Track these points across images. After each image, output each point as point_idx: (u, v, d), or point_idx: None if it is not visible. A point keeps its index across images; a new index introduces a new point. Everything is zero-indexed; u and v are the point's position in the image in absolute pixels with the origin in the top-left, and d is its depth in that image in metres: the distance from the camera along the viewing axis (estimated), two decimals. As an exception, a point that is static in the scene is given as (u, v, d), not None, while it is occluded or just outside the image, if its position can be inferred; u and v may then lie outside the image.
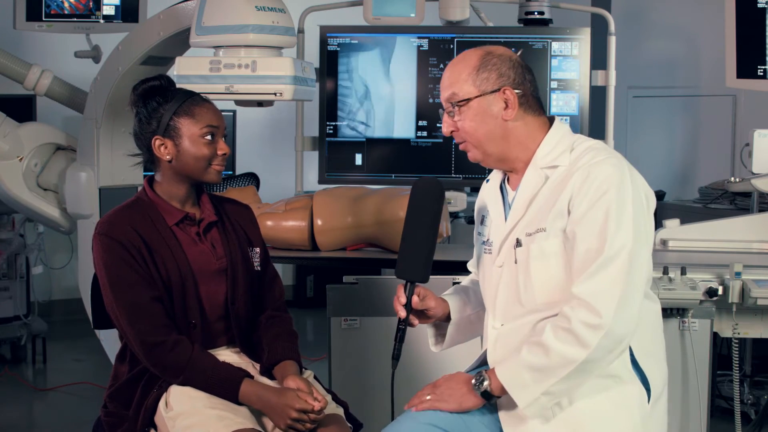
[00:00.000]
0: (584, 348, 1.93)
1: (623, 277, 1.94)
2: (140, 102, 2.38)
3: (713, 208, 5.04)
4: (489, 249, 2.18)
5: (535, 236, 2.05)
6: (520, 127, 2.10)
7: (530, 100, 2.11)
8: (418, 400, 2.10)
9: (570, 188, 2.01)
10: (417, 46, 3.87)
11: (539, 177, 2.08)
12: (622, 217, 1.96)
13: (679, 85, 7.22)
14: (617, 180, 1.98)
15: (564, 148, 2.08)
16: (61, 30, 4.42)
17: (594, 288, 1.94)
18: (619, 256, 1.94)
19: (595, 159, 2.02)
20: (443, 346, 2.35)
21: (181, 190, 2.39)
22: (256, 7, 2.98)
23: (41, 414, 4.65)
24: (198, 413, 2.22)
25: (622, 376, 2.04)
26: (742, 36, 3.63)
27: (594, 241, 1.96)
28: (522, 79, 2.09)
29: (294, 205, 3.41)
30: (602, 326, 1.92)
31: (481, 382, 2.04)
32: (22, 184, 3.79)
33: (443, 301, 2.28)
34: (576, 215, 1.99)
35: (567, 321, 1.95)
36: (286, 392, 2.25)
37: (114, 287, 2.28)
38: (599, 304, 1.93)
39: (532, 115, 2.11)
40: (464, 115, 2.10)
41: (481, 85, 2.08)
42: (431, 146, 3.87)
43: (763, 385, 4.47)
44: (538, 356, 1.97)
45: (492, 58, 2.09)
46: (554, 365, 1.96)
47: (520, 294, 2.08)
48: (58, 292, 6.32)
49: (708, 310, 2.99)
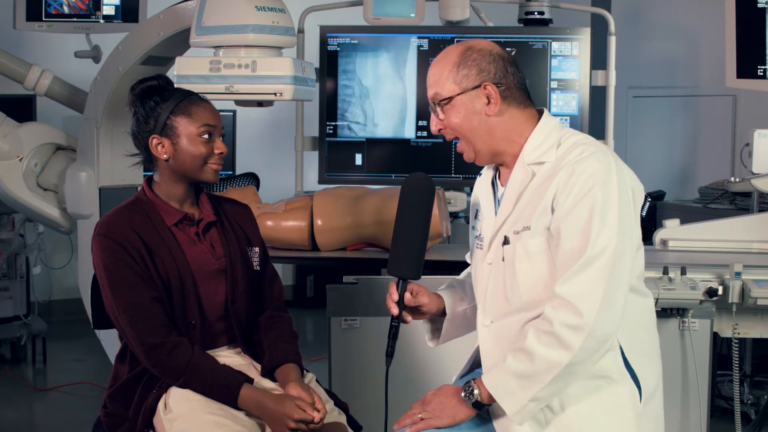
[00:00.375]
0: (568, 351, 1.92)
1: (606, 276, 1.92)
2: (138, 102, 2.38)
3: (713, 208, 5.04)
4: (480, 245, 2.17)
5: (521, 234, 2.03)
6: (505, 121, 2.07)
7: (514, 93, 2.08)
8: (410, 420, 2.07)
9: (555, 185, 1.99)
10: (417, 46, 3.87)
11: (526, 173, 2.06)
12: (607, 215, 1.93)
13: (679, 85, 7.23)
14: (603, 176, 1.96)
15: (551, 143, 2.06)
16: (61, 30, 4.42)
17: (576, 288, 1.92)
18: (603, 255, 1.92)
19: (581, 155, 1.99)
20: (439, 341, 2.34)
21: (179, 189, 2.39)
22: (256, 7, 2.98)
23: (41, 414, 4.65)
24: (196, 418, 2.21)
25: (613, 377, 2.02)
26: (742, 36, 3.63)
27: (577, 240, 1.94)
28: (504, 73, 2.06)
29: (294, 205, 3.41)
30: (584, 327, 1.91)
31: (470, 392, 2.03)
32: (22, 184, 3.79)
33: (437, 297, 2.27)
34: (560, 212, 1.97)
35: (549, 324, 1.94)
36: (285, 401, 2.23)
37: (114, 288, 2.28)
38: (581, 304, 1.91)
39: (517, 108, 2.08)
40: (449, 113, 2.08)
41: (462, 82, 2.06)
42: (431, 146, 3.87)
43: (763, 385, 4.47)
44: (523, 363, 1.95)
45: (472, 54, 2.06)
46: (539, 371, 1.94)
47: (506, 292, 2.06)
48: (58, 292, 6.32)
49: (708, 310, 2.99)
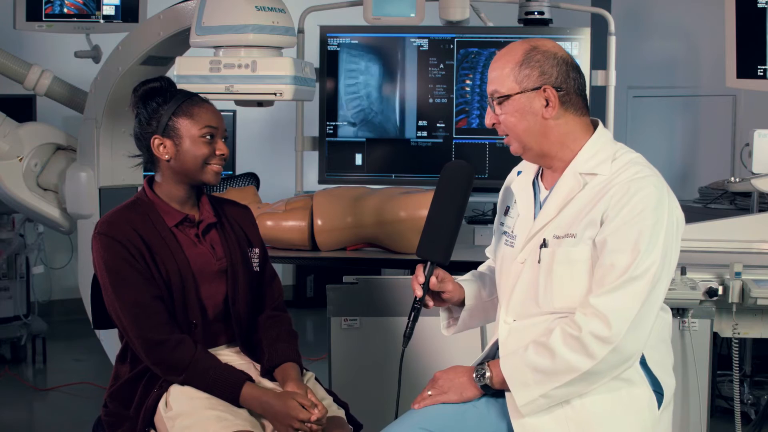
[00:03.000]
0: (590, 359, 1.94)
1: (643, 298, 1.95)
2: (140, 103, 2.38)
3: (713, 208, 5.03)
4: (511, 242, 2.17)
5: (564, 240, 2.04)
6: (561, 126, 2.08)
7: (573, 99, 2.08)
8: (420, 398, 2.11)
9: (607, 200, 2.00)
10: (417, 46, 3.87)
11: (577, 182, 2.06)
12: (655, 239, 1.96)
13: (679, 85, 7.22)
14: (656, 200, 1.98)
15: (606, 156, 2.07)
16: (61, 30, 4.42)
17: (613, 303, 1.94)
18: (644, 278, 1.95)
19: (637, 175, 2.01)
20: (455, 330, 2.35)
21: (180, 191, 2.39)
22: (256, 7, 2.98)
23: (41, 414, 4.65)
24: (197, 414, 2.22)
25: (633, 380, 2.04)
26: (742, 36, 3.62)
27: (622, 257, 1.95)
28: (565, 78, 2.07)
29: (294, 205, 3.41)
30: (611, 340, 1.93)
31: (483, 374, 2.06)
32: (22, 184, 3.78)
33: (460, 286, 2.28)
34: (609, 228, 1.98)
35: (578, 329, 1.95)
36: (288, 399, 2.24)
37: (115, 286, 2.28)
38: (614, 319, 1.93)
39: (574, 115, 2.09)
40: (505, 109, 2.09)
41: (523, 82, 2.06)
42: (431, 146, 3.87)
43: (763, 385, 4.47)
44: (543, 358, 1.98)
45: (536, 55, 2.07)
46: (558, 370, 1.96)
47: (538, 294, 2.07)
48: (58, 292, 6.32)
49: (708, 310, 2.99)
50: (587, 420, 2.02)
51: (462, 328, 2.34)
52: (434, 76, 3.85)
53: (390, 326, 3.14)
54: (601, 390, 2.02)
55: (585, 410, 2.02)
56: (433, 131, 3.86)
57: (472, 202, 4.08)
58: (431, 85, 3.86)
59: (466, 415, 2.09)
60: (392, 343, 3.12)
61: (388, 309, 3.14)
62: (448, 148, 3.85)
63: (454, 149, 3.84)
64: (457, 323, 2.32)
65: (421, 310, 2.17)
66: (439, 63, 3.86)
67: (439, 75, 3.85)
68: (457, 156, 3.84)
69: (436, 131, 3.85)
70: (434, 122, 3.86)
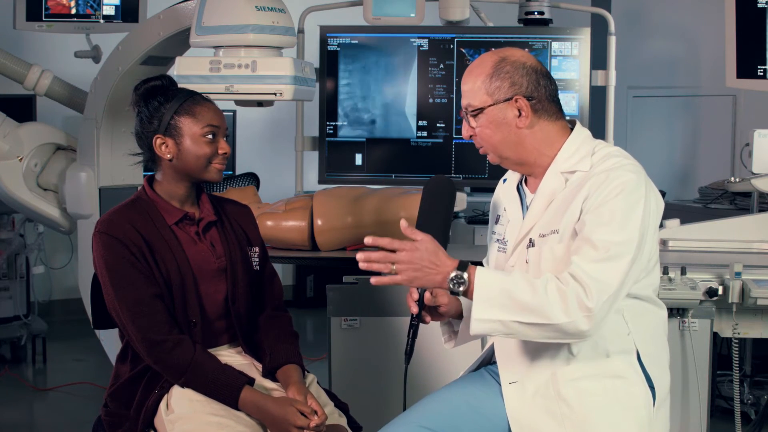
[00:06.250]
0: (566, 316, 1.92)
1: (623, 277, 1.95)
2: (142, 102, 2.38)
3: (713, 208, 5.03)
4: (503, 248, 2.20)
5: (549, 238, 2.05)
6: (536, 133, 2.10)
7: (546, 106, 2.10)
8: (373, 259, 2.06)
9: (587, 189, 2.02)
10: (417, 46, 3.87)
11: (559, 181, 2.09)
12: (631, 216, 1.96)
13: (679, 85, 7.22)
14: (634, 184, 2.00)
15: (585, 152, 2.09)
16: (61, 30, 4.42)
17: (599, 275, 1.93)
18: (625, 256, 1.94)
19: (615, 164, 2.03)
20: (456, 343, 2.34)
21: (181, 189, 2.39)
22: (256, 7, 2.98)
23: (41, 414, 4.65)
24: (198, 419, 2.21)
25: (629, 378, 2.05)
26: (742, 36, 3.62)
27: (600, 231, 1.95)
28: (536, 86, 2.09)
29: (294, 205, 3.41)
30: (591, 311, 1.91)
31: (459, 282, 1.98)
32: (22, 184, 3.79)
33: (456, 299, 2.27)
34: (588, 207, 1.99)
35: (566, 286, 1.94)
36: (287, 406, 2.23)
37: (115, 285, 2.28)
38: (596, 291, 1.92)
39: (548, 121, 2.11)
40: (480, 122, 2.11)
41: (495, 94, 2.08)
42: (431, 146, 3.87)
43: (763, 385, 4.47)
44: (523, 291, 1.94)
45: (505, 66, 2.09)
46: (530, 307, 1.93)
47: None
48: (58, 292, 6.32)
49: (708, 310, 2.99)
50: (584, 418, 2.02)
51: (463, 340, 2.32)
52: (434, 76, 3.85)
53: (390, 326, 3.14)
54: (598, 390, 2.03)
55: (582, 408, 2.02)
56: (433, 131, 3.86)
57: (472, 202, 4.08)
58: (431, 85, 3.86)
59: (465, 413, 2.10)
60: (392, 343, 3.12)
61: (388, 309, 3.14)
62: (448, 148, 3.85)
63: (454, 149, 3.84)
64: (457, 336, 2.31)
65: (419, 326, 2.16)
66: (438, 63, 3.85)
67: (439, 75, 3.84)
68: (456, 156, 3.84)
69: (436, 131, 3.85)
70: (434, 122, 3.85)
